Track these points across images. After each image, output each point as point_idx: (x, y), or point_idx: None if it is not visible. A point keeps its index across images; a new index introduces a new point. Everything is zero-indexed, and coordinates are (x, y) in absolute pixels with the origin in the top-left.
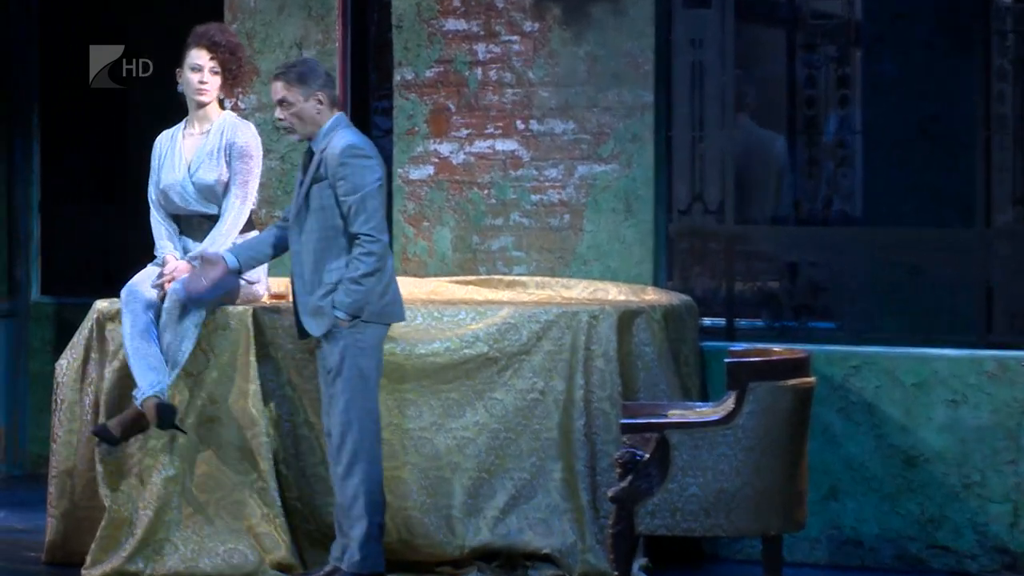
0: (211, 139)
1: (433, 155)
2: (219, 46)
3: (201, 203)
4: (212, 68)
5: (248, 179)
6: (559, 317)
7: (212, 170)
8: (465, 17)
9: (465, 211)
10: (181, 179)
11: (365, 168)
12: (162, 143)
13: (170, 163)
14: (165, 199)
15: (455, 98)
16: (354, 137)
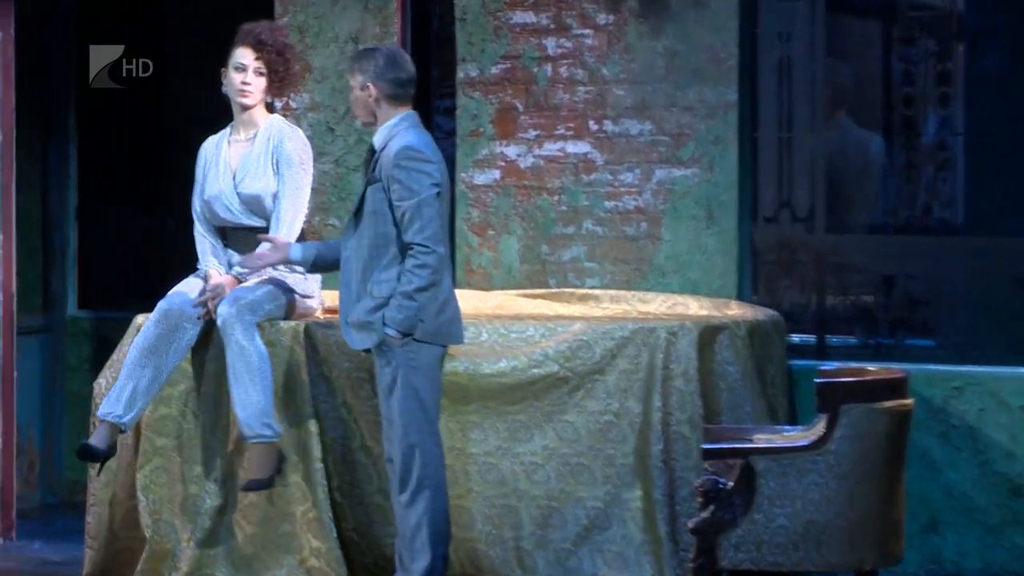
0: (257, 145)
1: (499, 158)
2: (265, 45)
3: (248, 215)
4: (257, 68)
5: (298, 187)
6: (635, 333)
7: (259, 179)
8: (534, 9)
9: (534, 219)
10: (226, 189)
11: (422, 172)
12: (207, 151)
13: (215, 172)
14: (210, 211)
15: (523, 97)
16: (415, 138)
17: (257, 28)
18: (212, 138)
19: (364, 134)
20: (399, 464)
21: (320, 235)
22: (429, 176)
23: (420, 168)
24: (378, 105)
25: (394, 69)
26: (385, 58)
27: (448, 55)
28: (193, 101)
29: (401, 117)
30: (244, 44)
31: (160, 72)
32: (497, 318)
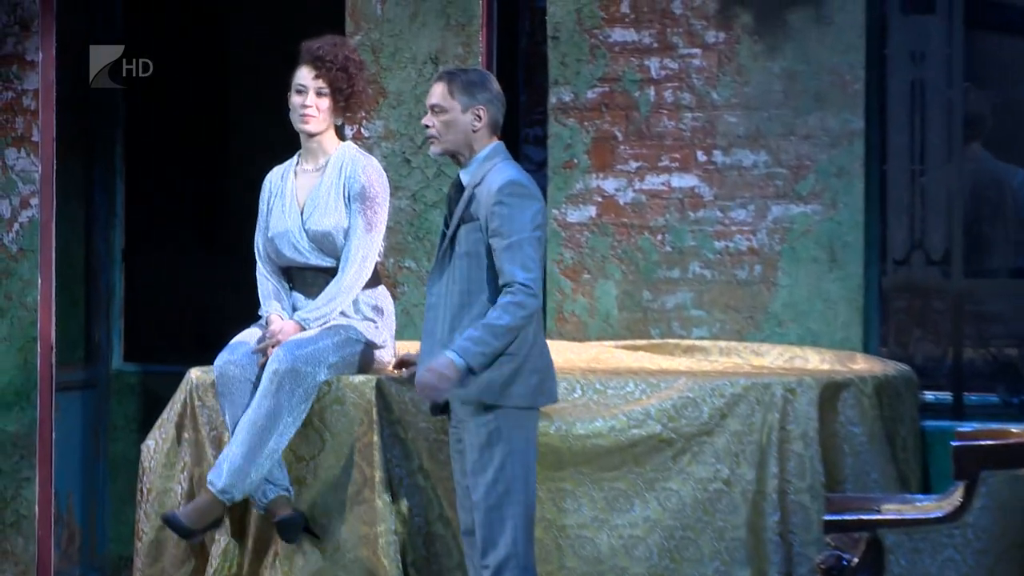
0: (327, 177)
1: (595, 193)
2: (324, 61)
3: (317, 255)
4: (318, 89)
5: (372, 224)
6: (748, 390)
7: (329, 214)
8: (635, 26)
9: (634, 261)
10: (293, 226)
11: (527, 209)
12: (271, 183)
13: (280, 207)
14: (274, 250)
15: (622, 124)
16: (515, 172)
17: (315, 44)
18: (277, 169)
19: (445, 167)
20: (482, 538)
21: (394, 279)
22: (535, 216)
23: (526, 205)
24: (476, 133)
25: (498, 95)
26: (493, 83)
27: (539, 78)
28: (256, 129)
29: (493, 147)
30: (303, 63)
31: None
32: (592, 372)
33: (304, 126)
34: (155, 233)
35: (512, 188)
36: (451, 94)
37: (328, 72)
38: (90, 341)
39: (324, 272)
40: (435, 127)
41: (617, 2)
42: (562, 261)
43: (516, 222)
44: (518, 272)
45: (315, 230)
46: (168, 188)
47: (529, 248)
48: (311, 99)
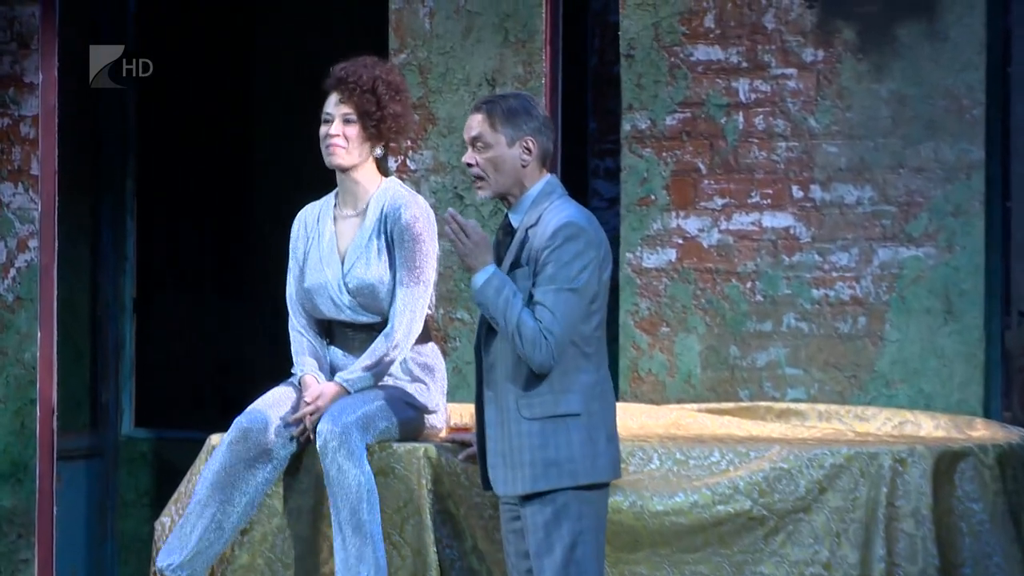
0: (368, 220)
1: (676, 233)
2: (346, 83)
3: (359, 311)
4: (345, 115)
5: (419, 272)
6: (851, 460)
7: (373, 264)
8: (721, 43)
9: (720, 312)
10: (333, 279)
11: (581, 257)
12: (306, 224)
13: (317, 254)
14: (311, 304)
15: (707, 154)
16: (574, 211)
17: (340, 66)
18: (311, 208)
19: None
20: None
21: (445, 333)
22: (587, 265)
23: (581, 252)
24: (526, 169)
25: (545, 121)
26: (537, 107)
27: (610, 102)
28: (285, 161)
29: (546, 183)
30: (329, 89)
31: (247, 126)
32: (672, 440)
33: (332, 158)
34: (171, 279)
35: (570, 231)
36: (493, 126)
37: (353, 95)
38: (96, 403)
39: (367, 328)
40: (479, 165)
41: (700, 15)
42: (637, 312)
43: (561, 274)
44: (546, 317)
45: (357, 284)
46: (186, 227)
47: (567, 304)
48: (337, 127)
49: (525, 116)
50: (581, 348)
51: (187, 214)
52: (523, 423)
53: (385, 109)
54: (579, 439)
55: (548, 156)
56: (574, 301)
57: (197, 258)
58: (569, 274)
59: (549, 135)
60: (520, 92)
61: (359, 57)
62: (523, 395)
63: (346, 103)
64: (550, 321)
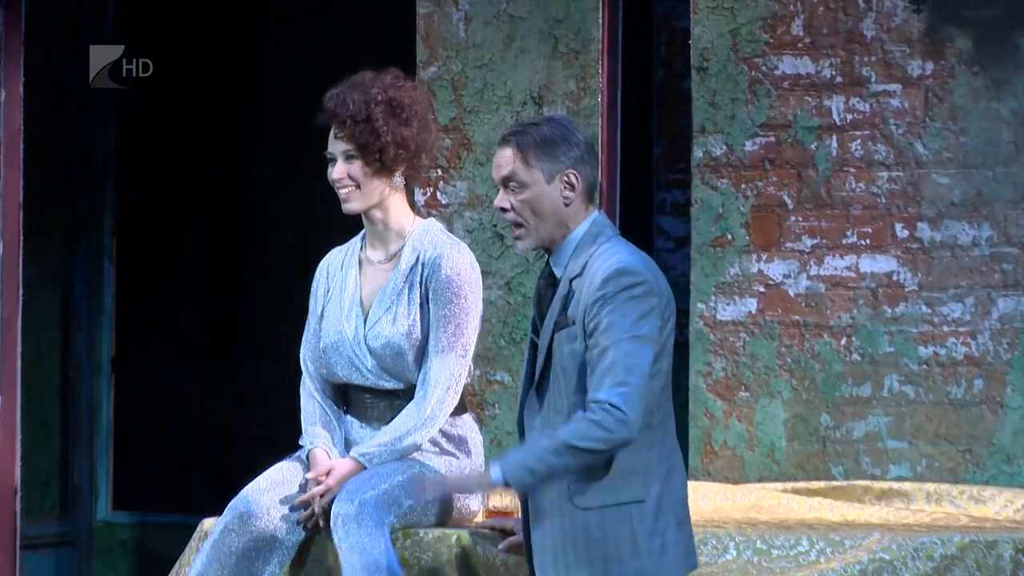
0: (400, 269)
1: (757, 280)
2: (336, 115)
3: (382, 375)
4: (345, 152)
5: (459, 333)
6: (965, 550)
7: (401, 320)
8: (811, 52)
9: (809, 373)
10: (351, 335)
11: (637, 306)
12: (328, 272)
13: (336, 309)
14: (326, 365)
15: (793, 186)
16: (627, 254)
17: (329, 95)
18: (337, 253)
19: None
20: None
21: (481, 398)
22: (647, 315)
23: (638, 302)
24: (570, 207)
25: (587, 147)
26: (576, 132)
27: (679, 123)
28: (288, 199)
29: (592, 223)
30: (327, 122)
31: (245, 156)
32: (752, 525)
33: (345, 204)
34: (156, 334)
35: (623, 280)
36: (527, 160)
37: (345, 127)
38: (67, 482)
39: (391, 396)
40: (515, 209)
41: (786, 21)
42: (710, 374)
43: (618, 325)
44: (609, 390)
45: (381, 343)
46: (174, 273)
47: (631, 358)
48: (340, 168)
49: (564, 145)
50: (644, 417)
51: (176, 258)
52: (577, 513)
53: (383, 136)
54: (644, 530)
55: (594, 189)
56: (638, 349)
57: (187, 310)
58: (627, 324)
59: (593, 163)
60: (554, 116)
61: (353, 76)
62: (576, 480)
63: (343, 138)
64: (612, 383)
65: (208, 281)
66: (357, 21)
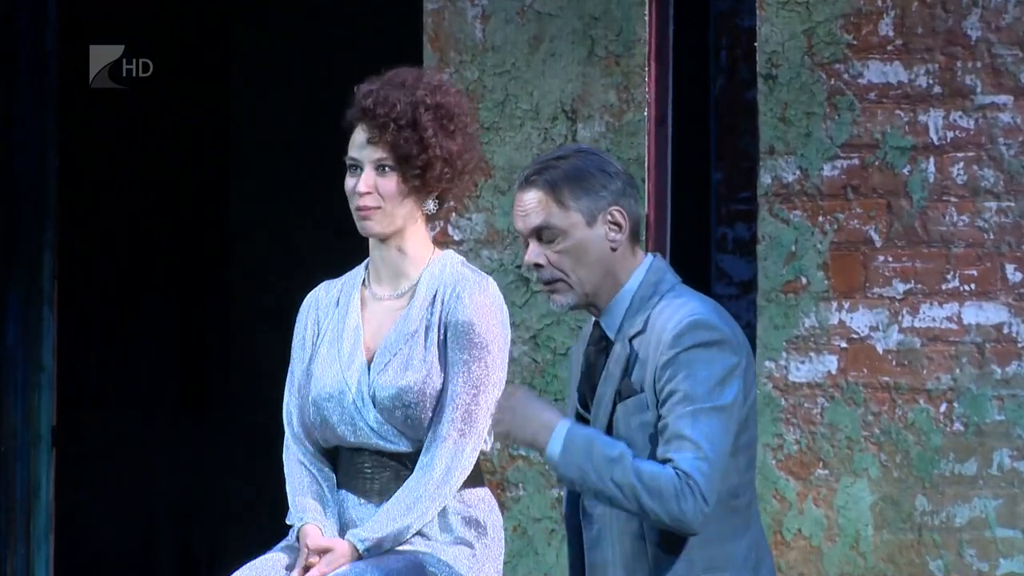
0: (415, 307)
1: (837, 333)
2: (375, 116)
3: (390, 435)
4: (378, 162)
5: (482, 387)
6: None
7: (416, 367)
8: (904, 57)
9: (902, 447)
10: (353, 384)
11: (716, 364)
12: (319, 308)
13: (333, 350)
14: (319, 422)
15: (881, 219)
16: (700, 305)
17: (364, 88)
18: (328, 287)
19: None
20: None
21: (503, 476)
22: (731, 375)
23: (717, 359)
24: (617, 252)
25: (626, 179)
26: (610, 162)
27: (742, 143)
28: (272, 228)
29: (649, 268)
30: (351, 123)
31: (220, 176)
32: None
33: (364, 224)
34: (106, 396)
35: (699, 332)
36: (561, 202)
37: (385, 132)
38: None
39: (396, 463)
40: (553, 264)
41: (873, 18)
42: (781, 447)
43: (699, 388)
44: (689, 457)
45: (389, 396)
46: (129, 324)
47: (713, 428)
48: (367, 180)
49: (602, 176)
50: (727, 501)
51: (131, 304)
52: None
53: (431, 150)
54: None
55: (639, 226)
56: (721, 423)
57: (145, 365)
58: (708, 388)
59: (636, 197)
60: (580, 146)
61: (393, 72)
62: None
63: (378, 144)
64: (693, 456)
65: (170, 330)
66: (355, 20)
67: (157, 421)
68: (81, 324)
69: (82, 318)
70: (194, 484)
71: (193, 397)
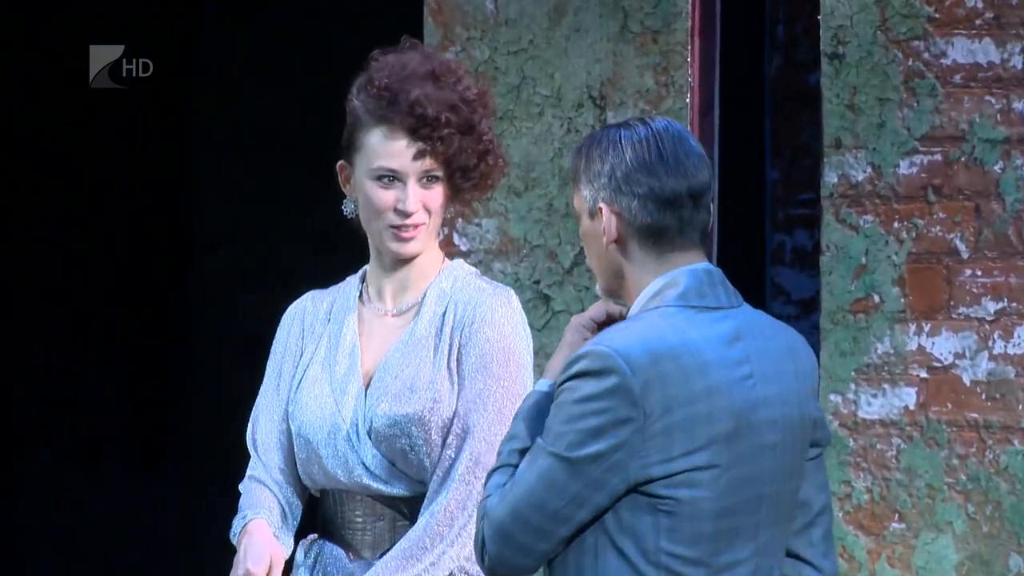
0: (421, 323)
1: (917, 361)
2: (427, 121)
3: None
4: (429, 174)
5: (500, 415)
6: None
7: (421, 394)
8: (995, 34)
9: (992, 495)
10: (349, 415)
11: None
12: (304, 322)
13: (325, 372)
14: (303, 454)
15: (969, 225)
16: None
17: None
18: (315, 298)
19: None
20: None
21: None
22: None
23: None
24: (624, 252)
25: (652, 165)
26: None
27: (803, 135)
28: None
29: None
30: (388, 123)
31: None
32: None
33: (406, 246)
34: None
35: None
36: (575, 179)
37: (440, 142)
38: None
39: (394, 508)
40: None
41: None
42: (850, 496)
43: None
44: (505, 489)
45: (388, 425)
46: (72, 356)
47: (538, 475)
48: (415, 197)
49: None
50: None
51: (74, 338)
52: None
53: (490, 156)
54: None
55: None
56: (552, 474)
57: (92, 410)
58: (559, 428)
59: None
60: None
61: (394, 59)
62: None
63: (431, 155)
64: (500, 497)
65: (122, 369)
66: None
67: (101, 472)
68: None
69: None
70: (145, 548)
71: (145, 447)
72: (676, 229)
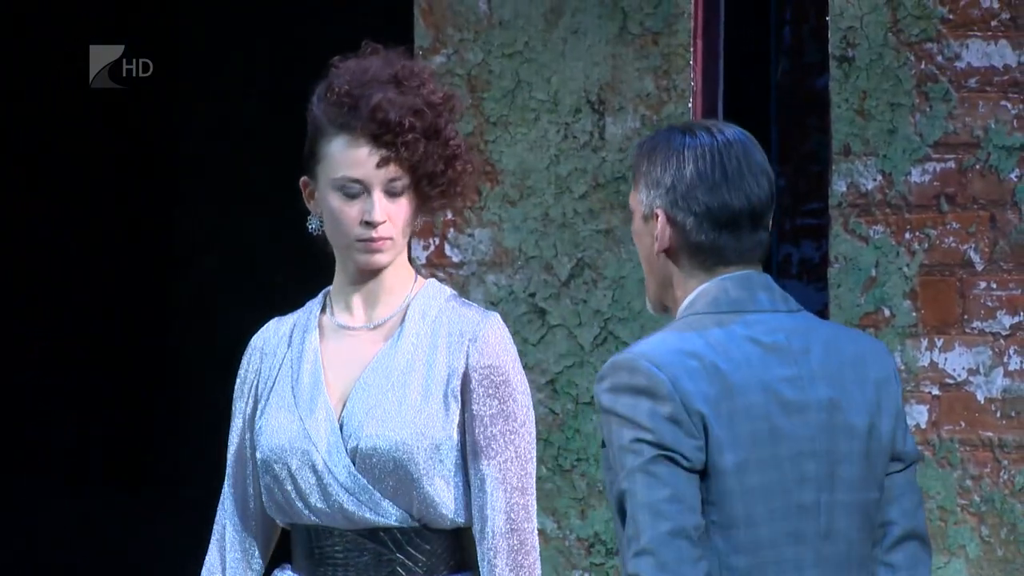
0: (404, 339)
1: (929, 377)
2: (391, 127)
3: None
4: (391, 181)
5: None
6: None
7: (408, 414)
8: (1011, 35)
9: (1007, 518)
10: (323, 438)
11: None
12: (263, 352)
13: (288, 397)
14: (274, 490)
15: (984, 236)
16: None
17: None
18: (276, 325)
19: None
20: None
21: None
22: None
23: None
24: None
25: (714, 183)
26: (702, 152)
27: (811, 141)
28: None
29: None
30: (349, 130)
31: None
32: None
33: (374, 257)
34: (23, 463)
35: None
36: (635, 179)
37: (405, 148)
38: None
39: (378, 541)
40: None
41: None
42: None
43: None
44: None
45: (370, 448)
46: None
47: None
48: (382, 208)
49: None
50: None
51: (53, 355)
52: None
53: (459, 161)
54: None
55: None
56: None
57: (72, 427)
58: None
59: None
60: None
61: (354, 64)
62: None
63: (395, 162)
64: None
65: (102, 385)
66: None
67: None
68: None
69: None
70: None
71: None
72: (731, 248)
